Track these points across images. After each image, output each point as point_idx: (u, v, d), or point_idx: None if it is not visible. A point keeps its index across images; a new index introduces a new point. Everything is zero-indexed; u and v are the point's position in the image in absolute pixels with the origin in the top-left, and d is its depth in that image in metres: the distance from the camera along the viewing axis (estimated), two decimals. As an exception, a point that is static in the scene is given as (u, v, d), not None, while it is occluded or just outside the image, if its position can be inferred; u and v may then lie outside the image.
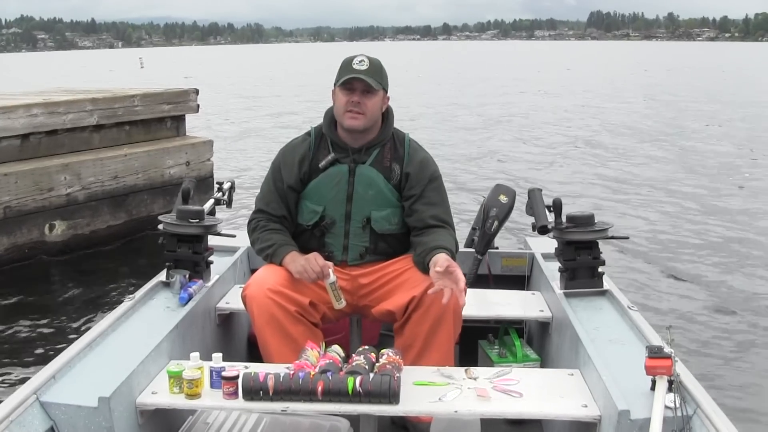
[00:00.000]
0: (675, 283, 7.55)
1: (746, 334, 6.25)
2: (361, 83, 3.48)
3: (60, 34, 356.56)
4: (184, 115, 10.10)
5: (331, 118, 3.64)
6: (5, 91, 12.43)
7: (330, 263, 3.48)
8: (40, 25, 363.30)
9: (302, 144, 3.68)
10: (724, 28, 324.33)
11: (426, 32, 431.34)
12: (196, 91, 10.15)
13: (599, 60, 78.65)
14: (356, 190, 3.56)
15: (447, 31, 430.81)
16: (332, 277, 3.41)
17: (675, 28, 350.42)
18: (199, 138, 10.08)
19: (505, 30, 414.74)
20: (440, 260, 3.22)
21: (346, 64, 3.53)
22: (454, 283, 3.17)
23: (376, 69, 3.53)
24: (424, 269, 3.37)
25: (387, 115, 3.64)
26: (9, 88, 16.23)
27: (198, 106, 10.23)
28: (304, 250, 3.62)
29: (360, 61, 3.50)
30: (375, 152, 3.60)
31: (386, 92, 3.61)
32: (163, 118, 9.75)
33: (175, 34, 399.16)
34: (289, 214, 3.66)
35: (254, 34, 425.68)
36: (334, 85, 3.56)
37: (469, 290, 3.44)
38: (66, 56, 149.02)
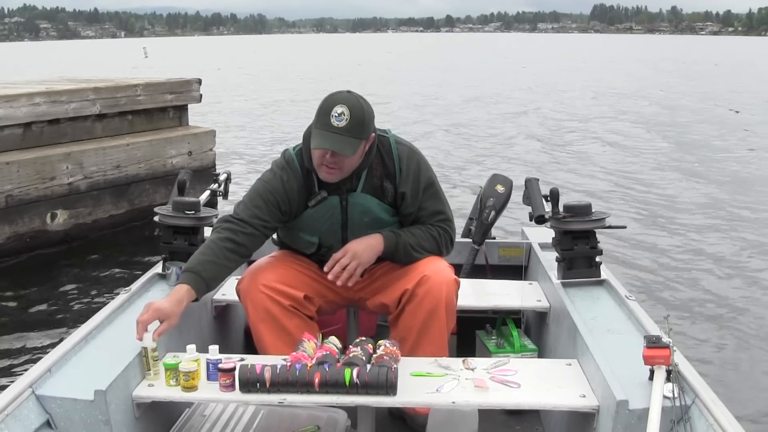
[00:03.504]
0: (673, 273, 7.53)
1: (744, 324, 6.24)
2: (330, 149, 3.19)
3: (62, 24, 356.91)
4: (186, 105, 10.11)
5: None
6: (8, 80, 12.43)
7: (154, 329, 3.03)
8: (42, 15, 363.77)
9: (291, 178, 3.39)
10: (727, 22, 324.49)
11: (429, 24, 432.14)
12: (199, 81, 10.16)
13: (599, 53, 78.42)
14: (351, 218, 3.42)
15: (450, 23, 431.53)
16: (152, 344, 3.01)
17: (678, 22, 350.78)
18: (202, 128, 10.09)
19: (508, 22, 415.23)
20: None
21: (324, 112, 3.17)
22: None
23: (356, 122, 3.16)
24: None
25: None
26: (11, 77, 16.22)
27: (201, 95, 10.24)
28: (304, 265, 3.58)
29: (339, 115, 3.13)
30: (364, 174, 3.38)
31: (370, 137, 3.31)
32: (165, 107, 9.76)
33: (177, 24, 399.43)
34: (267, 231, 3.44)
35: (257, 24, 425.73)
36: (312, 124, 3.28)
37: (466, 280, 3.45)
38: (68, 46, 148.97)
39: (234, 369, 2.90)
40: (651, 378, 2.74)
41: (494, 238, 4.60)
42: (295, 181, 3.39)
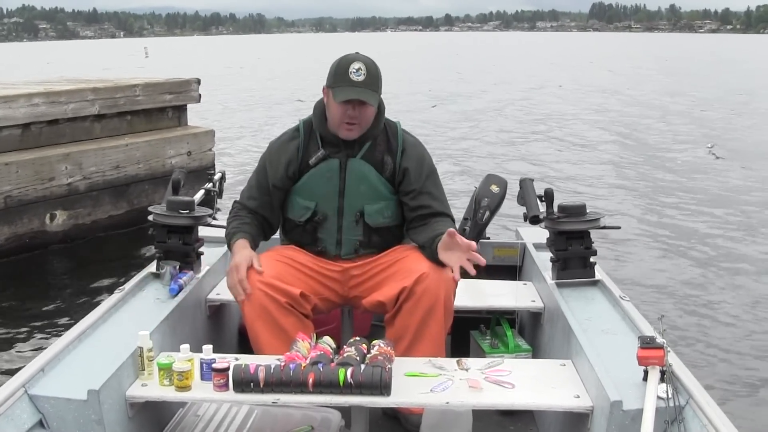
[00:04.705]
0: (667, 273, 7.53)
1: (738, 324, 6.24)
2: (358, 99, 3.39)
3: (61, 24, 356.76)
4: (185, 105, 10.10)
5: (321, 113, 3.56)
6: (6, 80, 12.43)
7: (148, 330, 3.11)
8: (41, 15, 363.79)
9: (291, 143, 3.61)
10: (725, 20, 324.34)
11: (428, 23, 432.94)
12: (198, 81, 10.16)
13: (596, 51, 78.57)
14: (348, 185, 3.52)
15: (449, 21, 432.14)
16: (148, 343, 3.03)
17: (677, 20, 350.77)
18: (201, 128, 10.09)
19: (507, 21, 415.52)
20: (449, 230, 3.23)
21: (342, 71, 3.40)
22: (464, 250, 3.17)
23: (373, 77, 3.42)
24: (433, 257, 3.36)
25: (378, 108, 3.55)
26: (10, 78, 16.22)
27: (200, 95, 10.23)
28: (298, 245, 3.63)
29: (357, 70, 3.37)
30: (367, 145, 3.53)
31: (380, 94, 3.52)
32: (164, 107, 9.76)
33: (177, 24, 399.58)
34: (270, 211, 3.65)
35: (256, 24, 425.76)
36: (327, 86, 3.47)
37: (460, 280, 3.43)
38: (67, 46, 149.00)
39: (228, 369, 2.90)
40: (645, 379, 2.75)
41: (489, 239, 4.59)
42: (290, 149, 3.58)
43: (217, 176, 4.40)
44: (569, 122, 19.63)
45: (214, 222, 4.02)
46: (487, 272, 4.42)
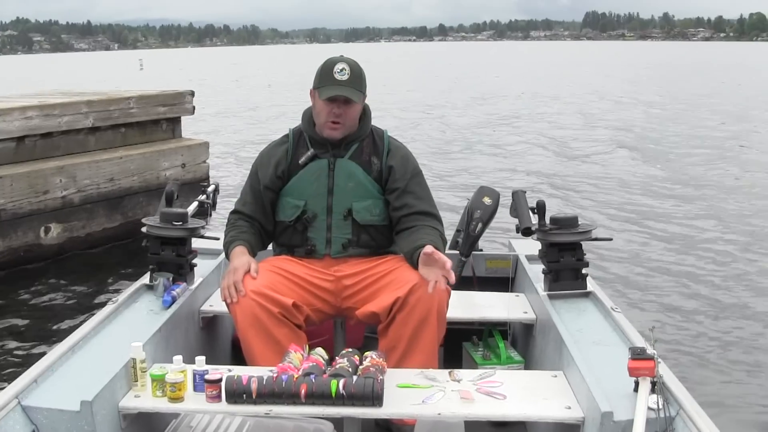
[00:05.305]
0: (658, 285, 7.52)
1: (729, 335, 6.23)
2: (343, 95, 3.53)
3: (56, 36, 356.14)
4: (179, 117, 10.09)
5: (309, 117, 3.71)
6: (0, 93, 12.43)
7: (141, 342, 3.11)
8: (35, 27, 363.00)
9: (280, 147, 3.74)
10: (719, 28, 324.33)
11: (422, 33, 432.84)
12: (192, 93, 10.16)
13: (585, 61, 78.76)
14: (336, 183, 3.60)
15: (443, 31, 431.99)
16: (141, 355, 3.04)
17: (670, 29, 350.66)
18: (195, 140, 10.09)
19: (500, 31, 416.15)
20: (426, 248, 3.26)
21: (327, 72, 3.55)
22: (440, 267, 3.20)
23: (357, 76, 3.57)
24: (414, 264, 3.40)
25: (365, 112, 3.68)
26: (4, 91, 16.22)
27: (194, 108, 10.24)
28: (288, 246, 3.69)
29: (341, 71, 3.53)
30: (354, 146, 3.65)
31: (365, 94, 3.65)
32: (158, 120, 9.74)
33: (171, 35, 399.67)
34: (264, 215, 3.73)
35: (250, 35, 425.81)
36: (314, 87, 3.62)
37: (453, 292, 3.46)
38: (62, 58, 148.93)
39: (220, 380, 2.91)
40: (636, 390, 2.76)
41: (481, 250, 4.62)
42: (279, 152, 3.71)
43: (210, 188, 4.42)
44: (560, 132, 19.64)
45: (207, 234, 4.03)
46: (480, 284, 4.46)
